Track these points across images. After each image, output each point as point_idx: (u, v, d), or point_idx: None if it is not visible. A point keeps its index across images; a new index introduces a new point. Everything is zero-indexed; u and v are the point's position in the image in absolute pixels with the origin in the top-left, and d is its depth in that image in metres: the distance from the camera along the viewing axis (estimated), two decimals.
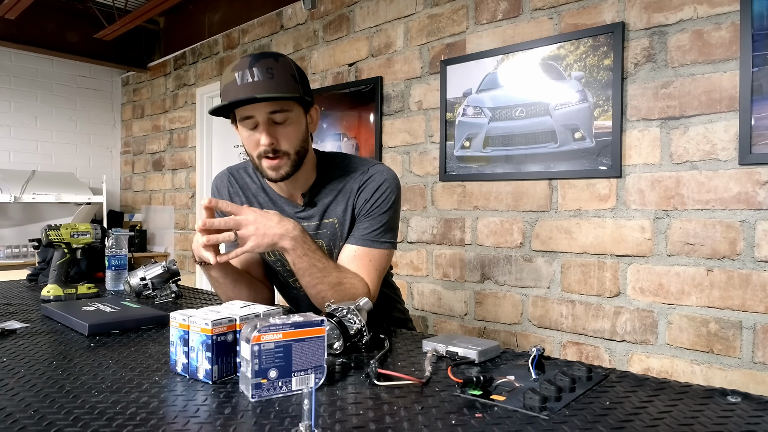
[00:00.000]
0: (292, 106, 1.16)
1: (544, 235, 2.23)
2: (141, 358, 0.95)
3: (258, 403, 0.73)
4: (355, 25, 2.97)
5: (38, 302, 1.48)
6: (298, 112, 1.18)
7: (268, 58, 1.12)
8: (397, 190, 1.27)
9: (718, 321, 1.81)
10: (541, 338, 2.23)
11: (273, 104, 1.12)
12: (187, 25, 4.20)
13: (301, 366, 0.77)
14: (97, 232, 1.52)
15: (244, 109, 1.14)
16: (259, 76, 1.09)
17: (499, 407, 0.71)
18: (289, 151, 1.17)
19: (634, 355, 1.99)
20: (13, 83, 4.42)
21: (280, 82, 1.11)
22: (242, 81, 1.10)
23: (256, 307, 0.93)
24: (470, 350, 0.92)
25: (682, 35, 1.88)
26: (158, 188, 4.63)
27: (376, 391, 0.78)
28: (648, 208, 1.96)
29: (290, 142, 1.16)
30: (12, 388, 0.79)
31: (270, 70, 1.10)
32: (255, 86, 1.10)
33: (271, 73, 1.10)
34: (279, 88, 1.11)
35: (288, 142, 1.16)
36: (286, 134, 1.16)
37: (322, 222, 1.28)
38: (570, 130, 2.14)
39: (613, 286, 2.04)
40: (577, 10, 2.13)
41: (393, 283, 1.55)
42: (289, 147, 1.16)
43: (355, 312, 0.99)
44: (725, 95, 1.79)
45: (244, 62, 1.12)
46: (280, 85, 1.11)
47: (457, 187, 2.51)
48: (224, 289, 1.23)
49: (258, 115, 1.13)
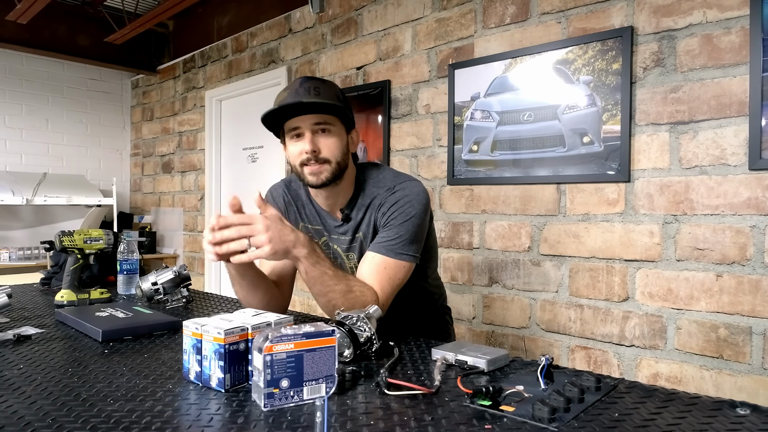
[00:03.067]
0: (335, 122, 1.27)
1: (552, 239, 2.23)
2: (154, 365, 0.96)
3: (270, 412, 0.74)
4: (363, 29, 2.98)
5: (52, 307, 1.50)
6: (340, 128, 1.28)
7: (316, 80, 1.26)
8: (420, 205, 1.27)
9: (727, 326, 1.80)
10: (549, 342, 2.23)
11: (317, 117, 1.24)
12: (196, 29, 4.23)
13: (312, 375, 0.78)
14: (110, 237, 1.54)
15: (291, 121, 1.26)
16: (307, 92, 1.22)
17: (508, 418, 0.72)
18: (330, 159, 1.25)
19: (642, 360, 1.99)
20: (24, 86, 4.47)
21: (325, 98, 1.23)
22: (293, 97, 1.22)
23: (267, 316, 0.94)
24: (479, 359, 0.93)
25: (691, 39, 1.87)
26: (167, 190, 4.67)
27: (386, 401, 0.79)
28: (657, 212, 1.95)
29: (331, 151, 1.25)
30: (29, 396, 0.80)
31: (317, 89, 1.23)
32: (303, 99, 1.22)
33: (318, 91, 1.23)
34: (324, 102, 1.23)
35: (329, 151, 1.25)
36: (328, 144, 1.25)
37: (354, 236, 1.34)
38: (578, 135, 2.13)
39: (622, 291, 2.03)
40: (585, 14, 2.12)
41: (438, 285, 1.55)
42: (330, 155, 1.25)
43: (365, 320, 1.00)
44: (735, 100, 1.78)
45: (295, 83, 1.25)
46: (326, 101, 1.23)
47: (464, 190, 2.52)
48: (239, 288, 1.25)
49: (303, 125, 1.24)
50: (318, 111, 1.23)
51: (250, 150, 3.94)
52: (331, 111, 1.25)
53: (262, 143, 3.81)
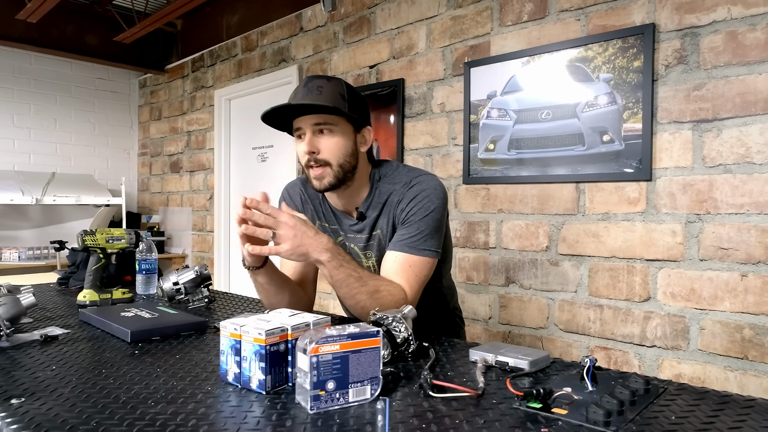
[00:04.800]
0: (338, 121, 1.22)
1: (571, 238, 2.21)
2: (188, 367, 0.95)
3: (317, 415, 0.73)
4: (376, 27, 2.97)
5: (73, 307, 1.48)
6: (345, 127, 1.23)
7: (321, 79, 1.22)
8: (438, 199, 1.25)
9: (752, 327, 1.78)
10: (568, 343, 2.21)
11: (317, 117, 1.20)
12: (205, 28, 4.21)
13: (357, 377, 0.77)
14: (131, 237, 1.52)
15: (295, 121, 1.24)
16: (309, 92, 1.19)
17: (562, 421, 0.70)
18: (330, 161, 1.21)
19: (664, 361, 1.96)
20: (32, 86, 4.46)
21: (326, 98, 1.19)
22: (294, 97, 1.20)
23: (304, 316, 0.92)
24: (521, 360, 0.91)
25: (715, 36, 1.85)
26: (176, 190, 4.65)
27: (433, 404, 0.77)
28: (679, 211, 1.93)
29: (331, 152, 1.21)
30: (67, 398, 0.79)
31: (320, 88, 1.20)
32: (302, 99, 1.19)
33: (320, 91, 1.19)
34: (323, 102, 1.18)
35: (329, 152, 1.21)
36: (328, 145, 1.21)
37: (371, 234, 1.31)
38: (598, 133, 2.11)
39: (643, 291, 2.01)
40: (605, 11, 2.10)
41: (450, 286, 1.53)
42: (330, 157, 1.21)
43: (401, 320, 0.98)
44: (761, 97, 1.76)
45: (302, 82, 1.23)
46: (325, 100, 1.19)
47: (480, 189, 2.50)
48: (267, 294, 1.23)
49: (305, 126, 1.21)
50: (313, 112, 1.20)
51: (260, 149, 3.92)
52: (328, 111, 1.20)
53: (272, 142, 3.80)
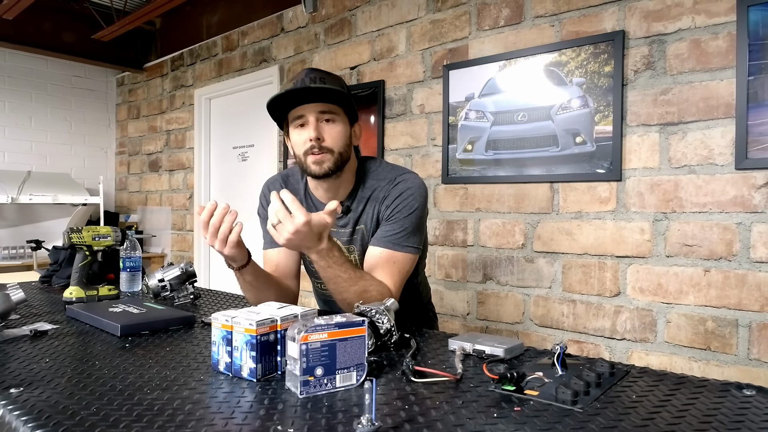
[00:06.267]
0: (339, 112, 1.28)
1: (546, 236, 2.29)
2: (179, 358, 0.98)
3: (306, 399, 0.77)
4: (357, 29, 3.01)
5: (58, 304, 1.50)
6: (344, 119, 1.29)
7: (321, 71, 1.28)
8: (421, 198, 1.31)
9: (715, 319, 1.88)
10: (543, 337, 2.30)
11: (322, 105, 1.25)
12: (185, 26, 4.20)
13: (344, 364, 0.82)
14: (117, 234, 1.54)
15: (296, 109, 1.27)
16: (313, 81, 1.25)
17: (534, 401, 0.76)
18: (333, 149, 1.26)
19: (633, 353, 2.06)
20: (7, 83, 4.40)
21: (332, 86, 1.24)
22: (300, 84, 1.25)
23: (292, 308, 0.97)
24: (497, 348, 0.97)
25: (680, 44, 1.95)
26: (155, 189, 4.63)
27: (415, 387, 0.82)
28: (647, 210, 2.02)
29: (335, 141, 1.26)
30: (65, 387, 0.82)
31: (323, 79, 1.26)
32: (311, 85, 1.24)
33: (324, 81, 1.25)
34: (330, 90, 1.24)
35: (333, 141, 1.26)
36: (332, 133, 1.26)
37: (355, 229, 1.35)
38: (571, 135, 2.20)
39: (614, 286, 2.10)
40: (578, 17, 2.19)
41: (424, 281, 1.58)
42: (334, 145, 1.26)
43: (384, 312, 1.03)
44: (722, 102, 1.86)
45: (301, 73, 1.29)
46: (331, 89, 1.24)
47: (459, 189, 2.57)
48: (255, 292, 1.27)
49: (308, 113, 1.25)
50: (324, 99, 1.24)
51: (241, 149, 3.93)
52: (338, 99, 1.25)
53: (253, 142, 3.82)
